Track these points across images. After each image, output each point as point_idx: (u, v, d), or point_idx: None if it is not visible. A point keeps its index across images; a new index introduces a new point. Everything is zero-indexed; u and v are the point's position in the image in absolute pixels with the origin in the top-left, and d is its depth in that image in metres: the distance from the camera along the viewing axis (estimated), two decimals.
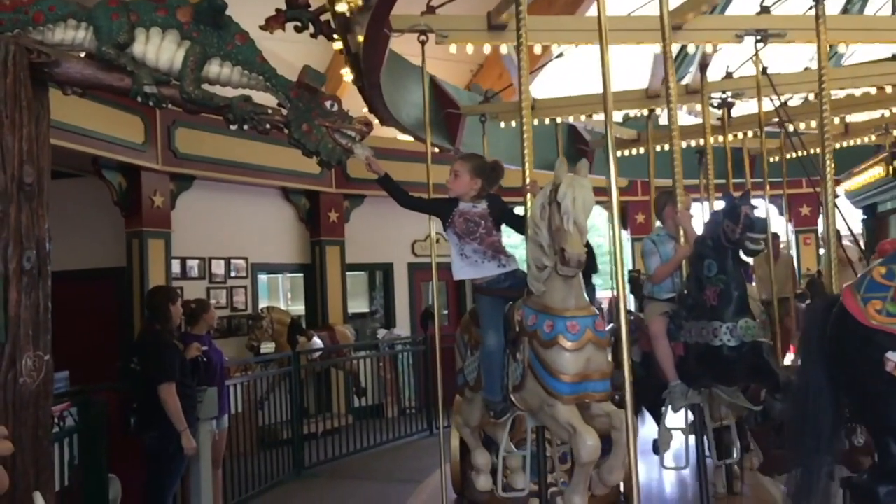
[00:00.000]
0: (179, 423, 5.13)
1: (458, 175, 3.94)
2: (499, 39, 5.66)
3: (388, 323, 12.18)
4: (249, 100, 3.55)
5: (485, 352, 3.79)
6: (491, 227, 3.90)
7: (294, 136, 3.62)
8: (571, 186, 3.28)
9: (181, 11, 3.51)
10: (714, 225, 4.19)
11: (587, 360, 3.39)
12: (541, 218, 3.43)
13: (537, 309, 3.49)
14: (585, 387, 3.39)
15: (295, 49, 8.91)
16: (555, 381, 3.37)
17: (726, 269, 4.13)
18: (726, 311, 4.08)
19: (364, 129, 3.73)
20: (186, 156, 9.09)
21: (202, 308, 5.98)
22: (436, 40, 5.29)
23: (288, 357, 8.65)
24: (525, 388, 3.55)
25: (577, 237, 3.25)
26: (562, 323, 3.40)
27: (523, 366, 3.53)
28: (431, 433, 9.74)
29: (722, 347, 4.06)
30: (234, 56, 3.52)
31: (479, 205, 3.93)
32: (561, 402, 3.36)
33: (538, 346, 3.44)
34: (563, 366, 3.37)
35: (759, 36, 5.62)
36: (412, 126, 7.29)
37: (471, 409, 4.19)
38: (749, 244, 4.01)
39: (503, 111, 7.72)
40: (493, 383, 3.77)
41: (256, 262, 10.44)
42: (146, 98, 3.49)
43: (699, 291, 4.22)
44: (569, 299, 3.44)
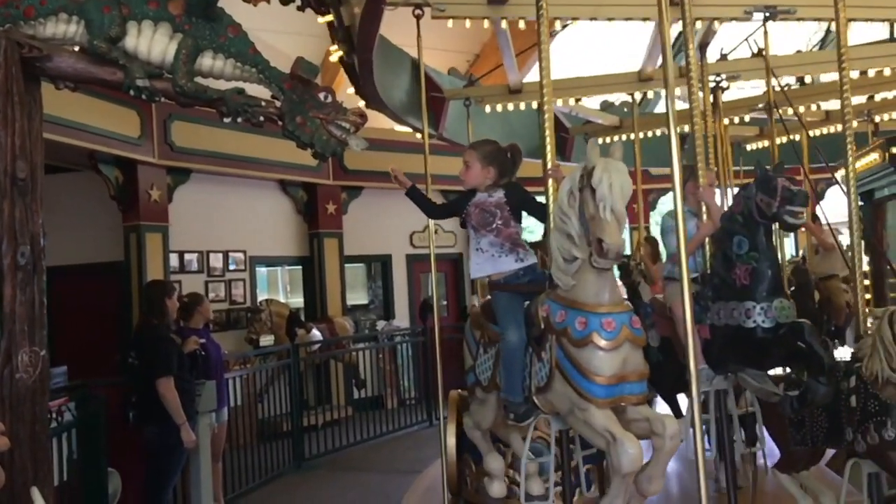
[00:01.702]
0: (178, 417, 5.14)
1: (469, 165, 3.75)
2: (499, 13, 5.35)
3: (387, 314, 12.19)
4: (243, 92, 3.54)
5: (506, 349, 3.53)
6: (508, 217, 3.67)
7: (288, 129, 3.60)
8: (607, 171, 3.03)
9: (173, 4, 3.49)
10: (745, 199, 3.91)
11: (623, 359, 3.13)
12: (569, 206, 3.18)
13: (566, 304, 3.23)
14: (622, 389, 3.12)
15: (290, 40, 8.90)
16: (588, 382, 3.10)
17: (758, 245, 3.86)
18: (759, 290, 3.83)
19: (358, 121, 3.72)
20: (183, 149, 9.07)
21: (196, 301, 5.98)
22: (432, 14, 5.04)
23: (287, 349, 8.65)
24: (552, 389, 3.29)
25: (616, 226, 3.00)
26: (596, 320, 3.12)
27: (550, 366, 3.27)
28: (431, 424, 9.75)
29: (755, 329, 3.81)
30: (227, 48, 3.50)
31: (494, 194, 3.72)
32: (595, 406, 3.09)
33: (568, 344, 3.17)
34: (597, 366, 3.10)
35: (768, 12, 5.42)
36: (398, 109, 7.13)
37: (483, 411, 3.97)
38: (789, 218, 3.73)
39: (488, 95, 7.56)
40: (514, 383, 3.52)
41: (255, 255, 10.44)
42: (138, 91, 3.47)
43: (727, 270, 3.95)
44: (602, 294, 3.18)
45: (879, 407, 3.62)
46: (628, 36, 7.91)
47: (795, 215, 3.73)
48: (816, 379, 3.66)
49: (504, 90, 7.52)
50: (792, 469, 4.21)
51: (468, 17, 5.33)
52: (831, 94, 7.99)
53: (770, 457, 4.82)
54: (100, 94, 7.39)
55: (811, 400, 3.70)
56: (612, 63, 8.02)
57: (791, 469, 4.21)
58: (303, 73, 3.55)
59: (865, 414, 3.67)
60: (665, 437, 3.05)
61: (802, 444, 4.07)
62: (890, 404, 3.60)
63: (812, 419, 3.98)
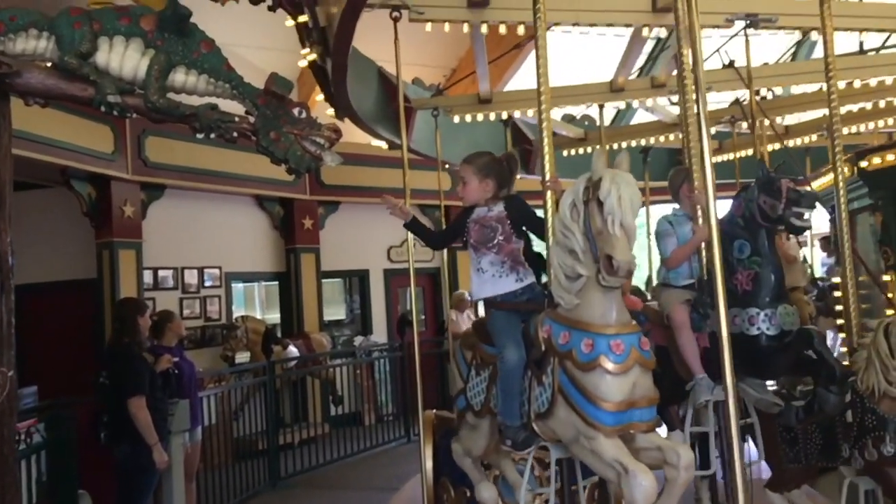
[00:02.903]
0: (150, 437, 5.06)
1: (466, 181, 3.56)
2: (480, 17, 5.14)
3: (364, 330, 12.13)
4: (216, 108, 3.51)
5: (504, 369, 3.30)
6: (510, 232, 3.48)
7: (262, 144, 3.58)
8: (615, 183, 2.86)
9: (145, 20, 3.47)
10: (746, 202, 3.77)
11: (633, 384, 2.93)
12: (572, 219, 3.01)
13: (569, 325, 3.04)
14: (631, 416, 2.92)
15: (266, 55, 8.88)
16: (595, 409, 2.89)
17: (761, 250, 3.72)
18: (763, 296, 3.68)
19: (333, 136, 3.70)
20: (157, 165, 9.00)
21: (166, 318, 5.91)
22: (410, 17, 4.85)
23: (263, 367, 8.57)
24: (555, 416, 3.07)
25: (625, 242, 2.83)
26: (604, 342, 2.93)
27: (552, 390, 3.06)
28: (409, 440, 9.70)
29: (759, 337, 3.65)
30: (200, 64, 3.48)
31: (494, 208, 3.53)
32: (603, 435, 2.89)
33: (573, 368, 2.97)
34: (605, 392, 2.89)
35: (749, 20, 5.33)
36: (367, 118, 6.99)
37: (475, 437, 3.73)
38: (795, 220, 3.59)
39: (457, 105, 7.42)
40: (511, 406, 3.29)
41: (230, 272, 10.35)
42: (110, 108, 3.43)
43: (728, 276, 3.72)
44: (610, 313, 2.98)
45: (877, 421, 3.53)
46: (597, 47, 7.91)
47: (802, 217, 3.60)
48: (827, 388, 3.52)
49: (474, 100, 7.41)
50: (783, 488, 4.08)
51: (447, 20, 5.10)
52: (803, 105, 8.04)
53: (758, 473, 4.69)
54: (72, 110, 7.32)
55: (821, 410, 3.57)
56: (581, 74, 7.99)
57: (782, 488, 4.09)
58: (277, 89, 3.53)
59: (862, 429, 3.58)
60: (679, 467, 2.83)
61: (795, 462, 3.96)
62: (888, 418, 3.51)
63: (805, 436, 3.88)
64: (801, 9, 5.65)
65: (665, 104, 8.04)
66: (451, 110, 7.37)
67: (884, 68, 7.10)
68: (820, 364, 3.57)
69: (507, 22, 5.25)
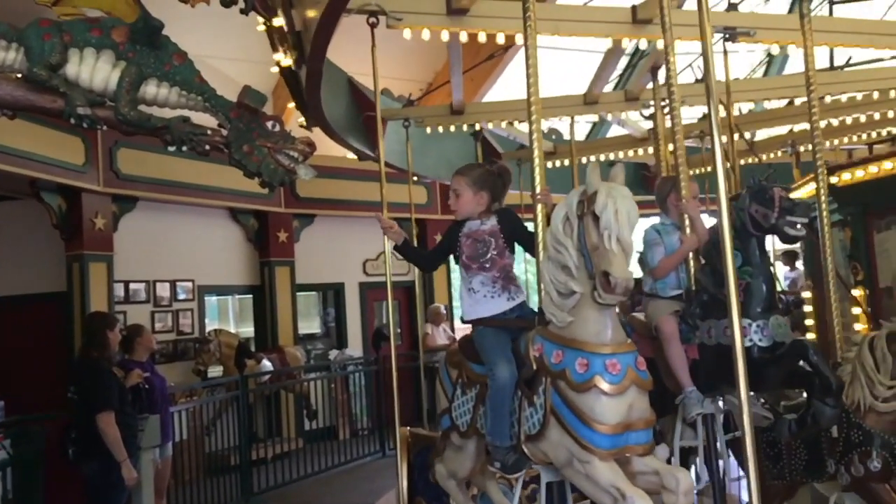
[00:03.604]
0: (119, 453, 4.98)
1: (459, 193, 3.44)
2: (459, 25, 5.03)
3: (339, 343, 12.06)
4: (188, 120, 3.50)
5: (495, 387, 3.16)
6: (503, 247, 3.38)
7: (235, 157, 3.58)
8: (612, 196, 2.76)
9: (116, 31, 3.46)
10: (737, 211, 3.67)
11: (629, 405, 2.82)
12: (565, 234, 2.90)
13: (562, 343, 2.93)
14: (627, 438, 2.82)
15: (242, 68, 8.86)
16: (590, 431, 2.78)
17: (752, 259, 3.64)
18: (754, 307, 3.59)
19: (307, 150, 3.71)
20: (129, 177, 8.90)
21: (135, 332, 5.84)
22: (387, 23, 4.74)
23: (235, 381, 8.48)
24: (546, 438, 2.96)
25: (623, 258, 2.72)
26: (599, 361, 2.82)
27: (544, 411, 2.95)
28: (384, 455, 9.64)
29: (751, 349, 3.54)
30: (172, 76, 3.47)
31: (487, 221, 3.42)
32: (598, 458, 2.78)
33: (567, 388, 2.86)
34: (601, 413, 2.79)
35: (727, 33, 5.28)
36: (337, 128, 6.85)
37: (460, 459, 3.60)
38: (789, 229, 3.51)
39: (429, 116, 7.31)
40: (501, 426, 3.16)
41: (203, 285, 10.25)
42: (79, 120, 3.41)
43: (717, 286, 3.67)
44: (605, 332, 2.87)
45: (863, 437, 3.50)
46: (572, 64, 7.96)
47: (796, 226, 3.54)
48: (823, 401, 3.45)
49: (446, 111, 7.29)
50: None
51: (425, 27, 4.98)
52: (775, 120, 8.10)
53: None
54: (43, 121, 7.22)
55: (815, 423, 3.49)
56: (555, 90, 8.00)
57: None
58: (250, 102, 3.53)
59: (849, 444, 3.55)
60: (679, 493, 2.74)
61: (779, 479, 3.91)
62: (874, 433, 3.49)
63: (790, 451, 3.84)
64: (779, 23, 5.67)
65: (637, 119, 8.08)
66: (423, 121, 7.25)
67: (853, 84, 7.19)
68: (815, 376, 3.49)
69: (486, 30, 5.14)
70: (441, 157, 8.57)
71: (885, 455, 3.56)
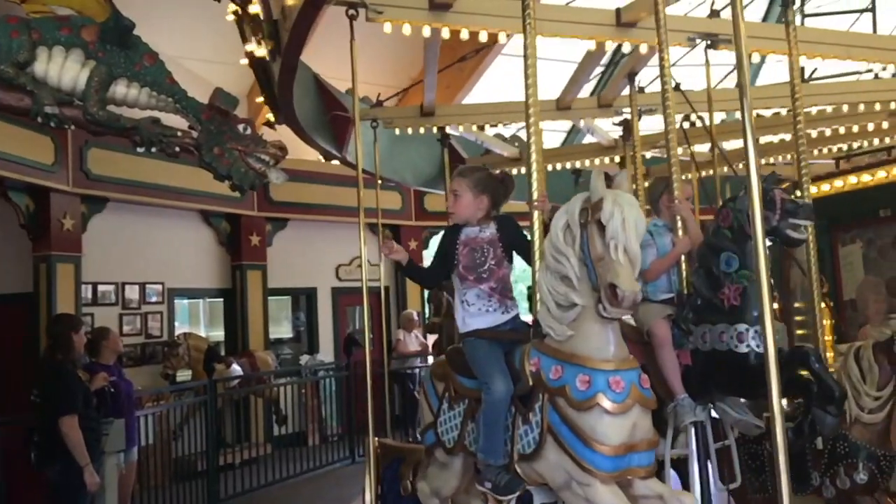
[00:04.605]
0: (82, 458, 4.90)
1: (459, 195, 3.29)
2: (441, 21, 4.84)
3: (311, 348, 11.99)
4: (158, 122, 3.47)
5: (490, 402, 2.99)
6: (501, 256, 3.24)
7: (205, 160, 3.56)
8: (618, 205, 2.63)
9: (86, 30, 3.42)
10: (735, 212, 3.54)
11: (633, 425, 2.69)
12: (565, 243, 2.79)
13: (561, 358, 2.80)
14: (629, 460, 2.68)
15: (218, 70, 8.79)
16: (592, 452, 2.65)
17: (749, 263, 3.48)
18: (752, 312, 3.45)
19: (279, 154, 3.70)
20: (99, 177, 8.79)
21: (101, 335, 5.77)
22: (367, 16, 4.59)
23: (204, 385, 8.39)
24: (543, 458, 2.82)
25: (630, 269, 2.59)
26: (602, 378, 2.68)
27: (541, 429, 2.81)
28: (354, 461, 9.60)
29: (749, 354, 3.44)
30: (142, 77, 3.45)
31: (486, 229, 3.28)
32: (599, 481, 2.64)
33: (567, 406, 2.73)
34: (603, 433, 2.65)
35: (710, 41, 5.21)
36: (307, 126, 6.67)
37: (445, 477, 3.44)
38: (791, 232, 3.36)
39: (398, 117, 7.15)
40: (495, 444, 2.98)
41: (174, 288, 10.14)
42: (47, 118, 3.37)
43: (713, 290, 3.57)
44: (607, 347, 2.75)
45: (849, 448, 3.48)
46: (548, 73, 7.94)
47: (799, 229, 3.40)
48: (824, 409, 3.35)
49: (416, 112, 7.14)
50: None
51: (407, 21, 4.81)
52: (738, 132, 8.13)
53: None
54: (11, 119, 7.11)
55: (812, 432, 3.40)
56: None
57: None
58: (221, 104, 3.51)
59: (834, 457, 3.52)
60: None
61: (761, 492, 3.87)
62: (860, 445, 3.47)
63: (772, 464, 3.85)
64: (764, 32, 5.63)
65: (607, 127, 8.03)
66: (392, 122, 7.07)
67: (824, 97, 7.20)
68: (815, 384, 3.40)
69: (469, 27, 4.98)
70: (407, 161, 8.52)
71: (872, 467, 3.55)
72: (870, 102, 6.94)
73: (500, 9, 4.90)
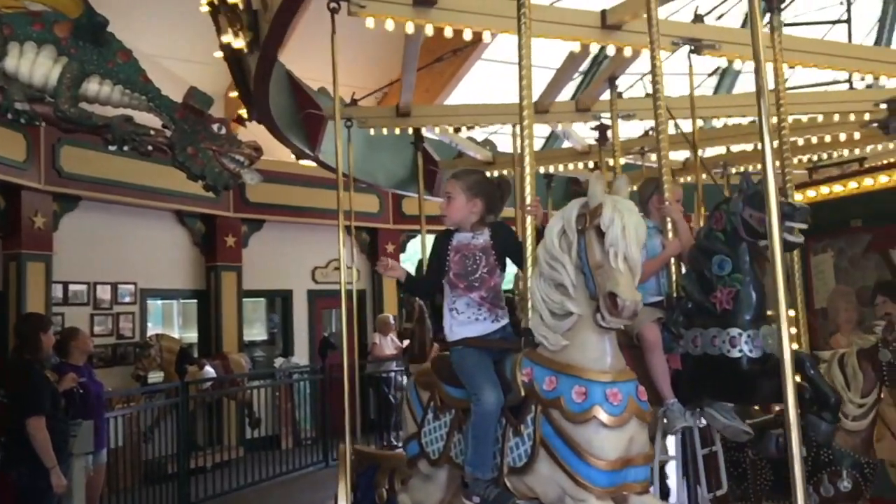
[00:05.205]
0: (48, 460, 4.83)
1: (452, 197, 3.19)
2: (425, 17, 4.74)
3: (286, 351, 11.92)
4: (131, 120, 3.43)
5: (480, 413, 2.90)
6: (494, 265, 3.14)
7: (178, 159, 3.52)
8: (619, 211, 2.56)
9: (59, 26, 3.37)
10: (728, 215, 3.49)
11: (630, 439, 2.62)
12: (561, 250, 2.71)
13: (556, 369, 2.72)
14: (625, 475, 2.61)
15: (195, 69, 8.71)
16: (587, 467, 2.57)
17: (742, 266, 3.43)
18: (745, 316, 3.41)
19: (253, 154, 3.66)
20: (72, 175, 8.68)
21: (70, 336, 5.70)
22: (349, 10, 4.52)
23: (175, 387, 8.30)
24: (534, 472, 2.74)
25: (630, 277, 2.53)
26: (599, 390, 2.61)
27: (533, 442, 2.73)
28: (327, 465, 9.53)
29: (741, 360, 3.38)
30: (115, 74, 3.40)
31: (479, 236, 3.18)
32: (594, 496, 2.57)
33: (561, 418, 2.66)
34: (600, 447, 2.58)
35: (693, 45, 5.18)
36: (280, 123, 6.55)
37: (429, 490, 3.33)
38: (788, 236, 3.24)
39: (373, 116, 7.06)
40: (484, 456, 2.89)
41: (146, 288, 10.03)
42: (17, 115, 3.32)
43: (705, 293, 3.51)
44: (604, 358, 2.67)
45: (833, 456, 3.46)
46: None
47: (795, 232, 3.32)
48: (819, 415, 3.32)
49: (392, 112, 7.03)
50: None
51: (390, 17, 4.70)
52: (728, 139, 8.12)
53: None
54: None
55: (810, 439, 3.34)
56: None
57: None
58: (196, 104, 3.47)
59: (818, 464, 3.49)
60: None
61: (743, 500, 3.84)
62: (844, 453, 3.45)
63: (755, 471, 3.77)
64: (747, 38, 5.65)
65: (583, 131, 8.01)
66: (367, 122, 6.95)
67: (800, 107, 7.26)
68: (810, 390, 3.36)
69: (454, 25, 4.87)
70: (379, 163, 8.48)
71: (856, 475, 3.54)
72: (844, 113, 7.04)
73: (485, 7, 4.84)
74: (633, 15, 4.90)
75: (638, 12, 4.80)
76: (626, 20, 4.97)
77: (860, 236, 6.00)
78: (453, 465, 3.15)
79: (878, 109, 6.53)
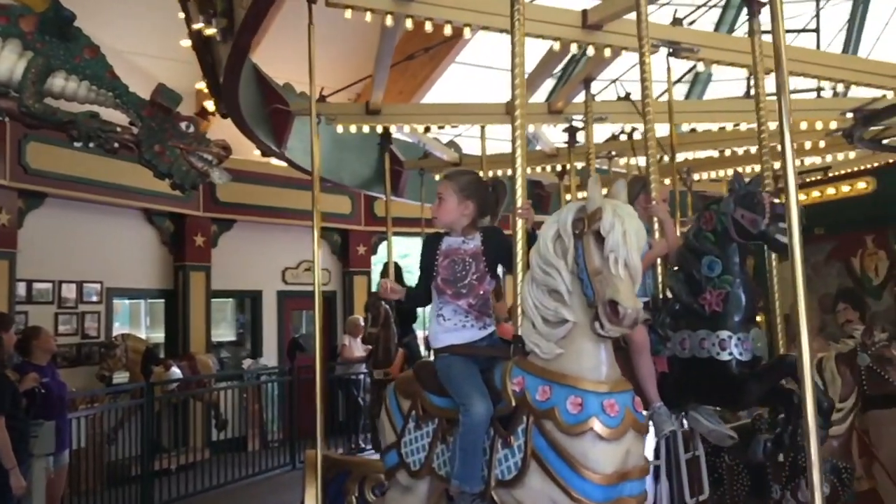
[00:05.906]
0: (7, 461, 4.75)
1: (444, 199, 3.09)
2: (405, 10, 4.66)
3: (254, 352, 11.83)
4: (97, 116, 3.39)
5: (469, 424, 2.79)
6: (484, 271, 3.04)
7: (145, 157, 3.50)
8: (619, 216, 2.47)
9: (25, 20, 3.33)
10: (719, 216, 3.44)
11: (626, 452, 2.54)
12: (556, 255, 2.62)
13: (549, 378, 2.61)
14: (621, 489, 2.52)
15: (166, 66, 8.63)
16: (582, 481, 2.48)
17: (732, 268, 3.38)
18: (734, 318, 3.36)
19: (222, 153, 3.65)
20: (38, 172, 8.53)
21: (31, 335, 5.61)
22: (327, 1, 4.41)
23: (140, 388, 8.19)
24: (525, 485, 2.62)
25: (630, 284, 2.43)
26: (595, 401, 2.51)
27: (524, 454, 2.62)
28: (294, 467, 9.47)
29: (730, 363, 3.34)
30: (82, 70, 3.37)
31: (470, 241, 3.08)
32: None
33: (555, 430, 2.55)
34: (596, 461, 2.48)
35: (671, 48, 5.15)
36: (248, 117, 6.40)
37: (408, 502, 3.19)
38: (781, 237, 3.19)
39: (343, 114, 6.95)
40: (473, 468, 2.79)
41: (113, 287, 9.88)
42: None
43: (694, 295, 3.46)
44: (600, 368, 2.58)
45: None
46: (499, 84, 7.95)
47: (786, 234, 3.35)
48: None
49: (361, 109, 6.91)
50: None
51: (369, 9, 4.57)
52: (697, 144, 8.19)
53: None
54: None
55: (798, 444, 3.29)
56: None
57: None
58: (164, 101, 3.45)
59: (795, 469, 3.48)
60: None
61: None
62: (822, 458, 3.37)
63: (732, 476, 3.76)
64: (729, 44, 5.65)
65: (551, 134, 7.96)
66: (336, 119, 6.83)
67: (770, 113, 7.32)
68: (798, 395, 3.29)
69: (434, 19, 4.78)
70: (345, 162, 8.42)
71: (833, 480, 3.55)
72: (812, 121, 7.15)
73: (468, 1, 4.77)
74: (614, 15, 4.89)
75: (618, 13, 4.79)
76: (608, 19, 4.93)
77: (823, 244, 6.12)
78: (436, 476, 3.05)
79: (845, 119, 6.63)
